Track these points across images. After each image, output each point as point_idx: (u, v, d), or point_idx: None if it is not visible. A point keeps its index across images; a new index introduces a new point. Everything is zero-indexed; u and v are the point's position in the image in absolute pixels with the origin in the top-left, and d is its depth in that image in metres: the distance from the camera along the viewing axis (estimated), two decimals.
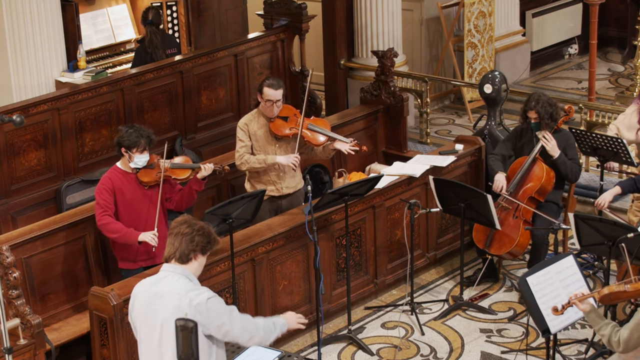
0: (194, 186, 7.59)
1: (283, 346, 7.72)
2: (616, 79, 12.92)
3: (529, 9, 13.15)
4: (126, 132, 7.35)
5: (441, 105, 12.39)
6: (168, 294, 5.15)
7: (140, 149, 7.34)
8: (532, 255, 8.30)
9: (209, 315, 5.11)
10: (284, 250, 7.72)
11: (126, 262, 7.50)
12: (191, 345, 4.61)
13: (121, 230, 7.31)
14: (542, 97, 8.24)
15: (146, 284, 5.30)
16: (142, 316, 5.27)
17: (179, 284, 5.17)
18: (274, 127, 7.99)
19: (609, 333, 5.73)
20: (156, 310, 5.18)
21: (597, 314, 5.86)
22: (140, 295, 5.29)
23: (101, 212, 7.34)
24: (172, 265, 5.24)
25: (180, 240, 5.21)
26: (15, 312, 6.52)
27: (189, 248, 5.21)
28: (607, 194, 7.94)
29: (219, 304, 5.16)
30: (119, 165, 7.48)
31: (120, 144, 7.38)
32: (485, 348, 7.71)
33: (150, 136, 7.39)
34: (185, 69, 10.12)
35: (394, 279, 8.56)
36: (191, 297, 5.11)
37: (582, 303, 5.86)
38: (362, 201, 8.10)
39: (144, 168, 7.43)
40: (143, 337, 5.29)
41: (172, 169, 7.51)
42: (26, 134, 9.02)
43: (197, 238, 5.23)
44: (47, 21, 9.60)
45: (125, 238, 7.33)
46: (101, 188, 7.39)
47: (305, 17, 10.86)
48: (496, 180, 8.33)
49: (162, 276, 5.24)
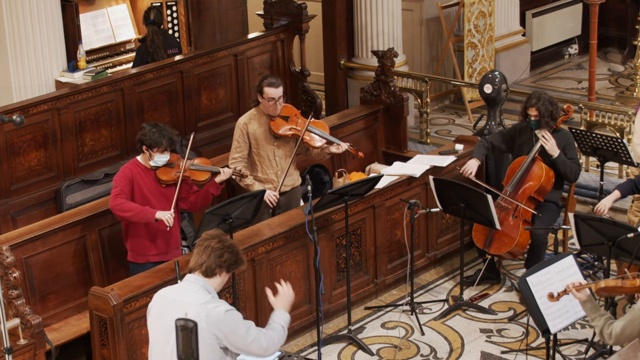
0: (211, 189, 7.60)
1: (283, 346, 7.71)
2: (616, 79, 12.91)
3: (529, 9, 13.15)
4: (149, 130, 7.36)
5: (441, 105, 12.39)
6: (186, 304, 5.15)
7: (161, 149, 7.35)
8: (530, 255, 8.30)
9: (226, 327, 5.12)
10: (284, 250, 7.72)
11: (135, 255, 7.49)
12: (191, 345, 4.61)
13: (135, 208, 7.30)
14: (543, 95, 8.25)
15: (165, 292, 5.33)
16: (157, 320, 5.29)
17: (197, 296, 5.17)
18: (275, 126, 8.00)
19: (602, 325, 5.76)
20: (171, 316, 5.15)
21: (593, 304, 5.86)
22: (158, 301, 5.32)
23: (116, 194, 7.33)
24: (195, 277, 5.25)
25: (209, 254, 5.22)
26: (15, 312, 6.52)
27: (216, 263, 5.22)
28: (607, 200, 7.92)
29: (236, 318, 5.17)
30: (139, 160, 7.49)
31: (142, 142, 7.39)
32: (485, 348, 7.71)
33: (172, 137, 7.41)
34: (185, 69, 10.12)
35: (394, 279, 8.57)
36: (209, 309, 5.11)
37: (579, 292, 5.86)
38: (362, 201, 8.10)
39: (163, 166, 7.45)
40: (155, 341, 5.30)
41: (192, 170, 7.52)
42: (26, 134, 9.02)
43: (226, 255, 5.24)
44: (47, 21, 9.60)
45: (141, 216, 7.30)
46: (120, 176, 7.41)
47: (305, 17, 10.86)
48: (467, 164, 8.38)
49: (184, 286, 5.26)
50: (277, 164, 8.07)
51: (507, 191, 8.31)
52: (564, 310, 6.27)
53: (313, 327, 7.83)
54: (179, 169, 7.45)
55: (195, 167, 7.54)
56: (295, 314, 7.82)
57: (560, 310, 6.24)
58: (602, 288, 5.79)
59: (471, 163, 8.41)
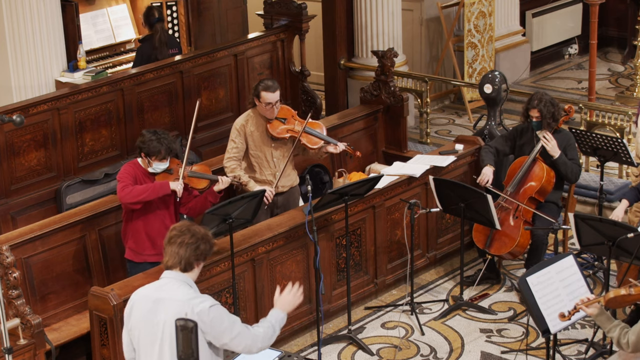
0: (210, 197, 7.60)
1: (283, 346, 7.72)
2: (616, 79, 12.92)
3: (529, 9, 13.16)
4: (148, 139, 7.32)
5: (441, 105, 12.40)
6: (170, 301, 5.15)
7: (159, 158, 7.34)
8: (530, 255, 8.30)
9: (211, 322, 5.12)
10: (284, 250, 7.72)
11: (133, 254, 7.49)
12: (191, 345, 4.61)
13: (147, 187, 7.28)
14: (544, 96, 8.24)
15: (145, 291, 5.30)
16: (142, 322, 5.25)
17: (181, 292, 5.17)
18: (272, 128, 8.00)
19: (618, 335, 5.80)
20: (157, 316, 5.18)
21: (607, 316, 5.89)
22: (140, 302, 5.28)
23: (123, 186, 7.31)
24: (174, 272, 5.25)
25: (185, 249, 5.22)
26: (15, 312, 6.52)
27: (194, 257, 5.24)
28: (619, 211, 7.88)
29: (221, 312, 5.17)
30: (139, 162, 7.49)
31: (140, 149, 7.38)
32: (485, 348, 7.71)
33: (170, 145, 7.36)
34: (185, 69, 10.12)
35: (394, 279, 8.57)
36: (194, 304, 5.11)
37: (589, 307, 5.88)
38: (362, 201, 8.10)
39: (162, 172, 7.44)
40: (142, 343, 5.26)
41: (190, 178, 7.51)
42: (26, 134, 9.02)
43: (202, 246, 5.25)
44: (47, 21, 9.60)
45: (156, 190, 7.29)
46: (124, 172, 7.39)
47: (305, 17, 10.85)
48: (483, 173, 8.36)
49: (164, 283, 5.24)
50: (274, 165, 8.07)
51: (508, 191, 8.31)
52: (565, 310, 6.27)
53: (313, 327, 7.83)
54: (177, 176, 7.45)
55: (193, 174, 7.53)
56: (295, 314, 7.82)
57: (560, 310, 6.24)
58: (611, 299, 5.80)
59: (486, 171, 8.37)
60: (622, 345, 5.79)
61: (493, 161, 8.44)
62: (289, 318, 7.78)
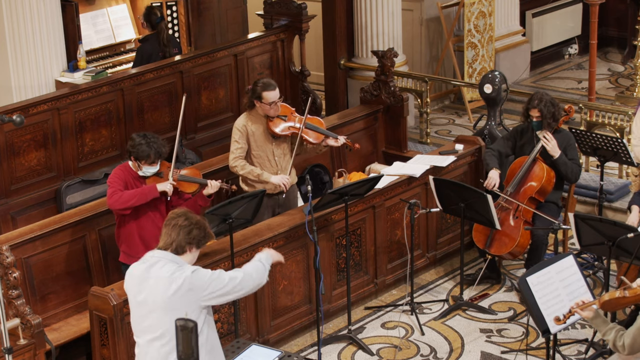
0: (199, 201, 7.62)
1: (283, 346, 7.72)
2: (616, 79, 12.92)
3: (529, 9, 13.15)
4: (138, 143, 7.30)
5: (441, 105, 12.39)
6: (155, 278, 5.32)
7: (149, 162, 7.33)
8: (530, 255, 8.30)
9: (199, 282, 5.28)
10: (284, 250, 7.71)
11: (126, 257, 7.49)
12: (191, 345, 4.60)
13: (135, 193, 7.30)
14: (545, 96, 8.24)
15: (136, 270, 5.46)
16: (134, 300, 5.45)
17: (165, 269, 5.32)
18: (274, 126, 8.00)
19: (614, 338, 5.77)
20: (146, 295, 5.36)
21: (602, 319, 5.88)
22: (131, 280, 5.46)
23: (112, 192, 7.33)
24: (161, 252, 5.40)
25: (177, 232, 5.37)
26: (15, 312, 6.52)
27: (186, 240, 5.38)
28: (634, 218, 7.80)
29: (204, 272, 5.34)
30: (130, 165, 7.48)
31: (130, 153, 7.38)
32: (485, 348, 7.71)
33: (159, 149, 7.34)
34: (185, 69, 10.12)
35: (394, 279, 8.56)
36: (175, 277, 5.26)
37: (584, 310, 5.87)
38: (362, 201, 8.10)
39: (152, 175, 7.44)
40: (135, 317, 5.48)
41: (180, 181, 7.50)
42: (26, 134, 9.02)
43: (195, 231, 5.40)
44: (47, 21, 9.60)
45: (145, 194, 7.31)
46: (114, 177, 7.41)
47: (305, 17, 10.86)
48: (489, 177, 8.35)
49: (152, 262, 5.38)
50: (276, 163, 8.07)
51: (508, 191, 8.30)
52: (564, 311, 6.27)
53: (313, 327, 7.83)
54: (167, 179, 7.44)
55: (183, 178, 7.52)
56: (295, 314, 7.83)
57: (561, 310, 6.24)
58: (606, 302, 5.79)
59: (493, 175, 8.35)
60: (618, 348, 5.76)
61: (497, 164, 8.43)
62: (289, 318, 7.81)
